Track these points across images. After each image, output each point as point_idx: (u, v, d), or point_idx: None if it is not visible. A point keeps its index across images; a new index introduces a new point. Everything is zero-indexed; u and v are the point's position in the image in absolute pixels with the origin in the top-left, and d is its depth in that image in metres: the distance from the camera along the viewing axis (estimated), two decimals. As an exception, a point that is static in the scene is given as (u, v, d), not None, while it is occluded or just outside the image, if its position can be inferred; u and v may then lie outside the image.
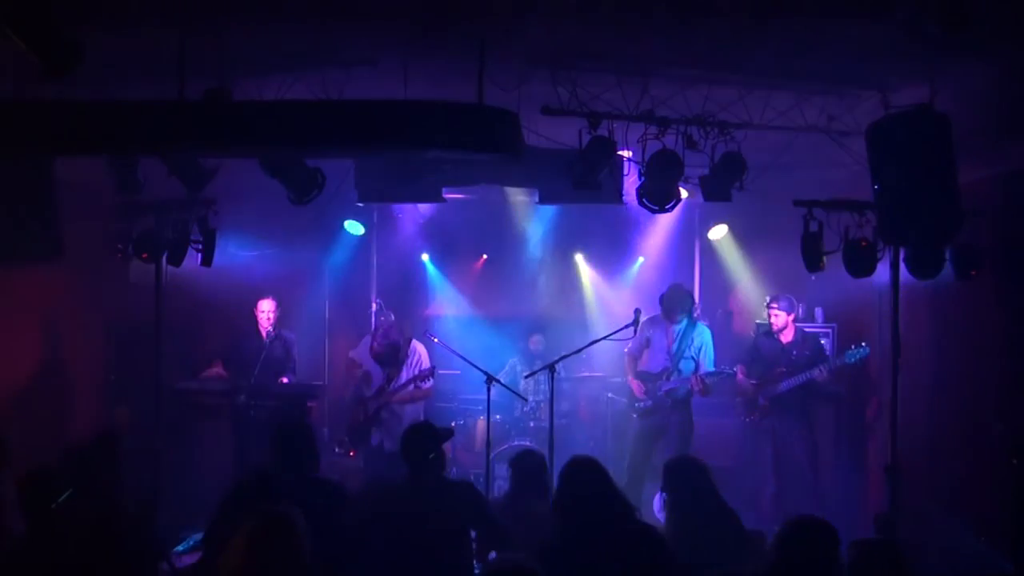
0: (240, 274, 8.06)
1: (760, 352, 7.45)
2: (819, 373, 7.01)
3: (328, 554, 3.96)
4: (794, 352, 7.25)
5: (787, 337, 7.32)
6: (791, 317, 7.30)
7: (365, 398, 7.17)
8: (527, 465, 5.10)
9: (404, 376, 7.11)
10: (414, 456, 4.47)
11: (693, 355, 7.22)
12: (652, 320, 7.41)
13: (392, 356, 7.11)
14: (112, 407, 7.97)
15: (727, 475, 4.64)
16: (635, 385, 7.36)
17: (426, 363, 7.21)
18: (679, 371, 7.20)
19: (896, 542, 3.50)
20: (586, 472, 4.01)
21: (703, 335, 7.30)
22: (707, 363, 7.22)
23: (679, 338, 7.26)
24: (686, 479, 4.53)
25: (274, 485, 4.27)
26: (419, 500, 4.36)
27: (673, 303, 7.23)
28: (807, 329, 7.66)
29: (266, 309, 7.55)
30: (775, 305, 7.30)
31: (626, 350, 7.51)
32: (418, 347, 7.30)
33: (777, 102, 5.60)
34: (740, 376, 7.41)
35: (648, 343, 7.41)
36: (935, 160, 4.63)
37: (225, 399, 7.07)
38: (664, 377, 7.24)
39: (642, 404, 7.32)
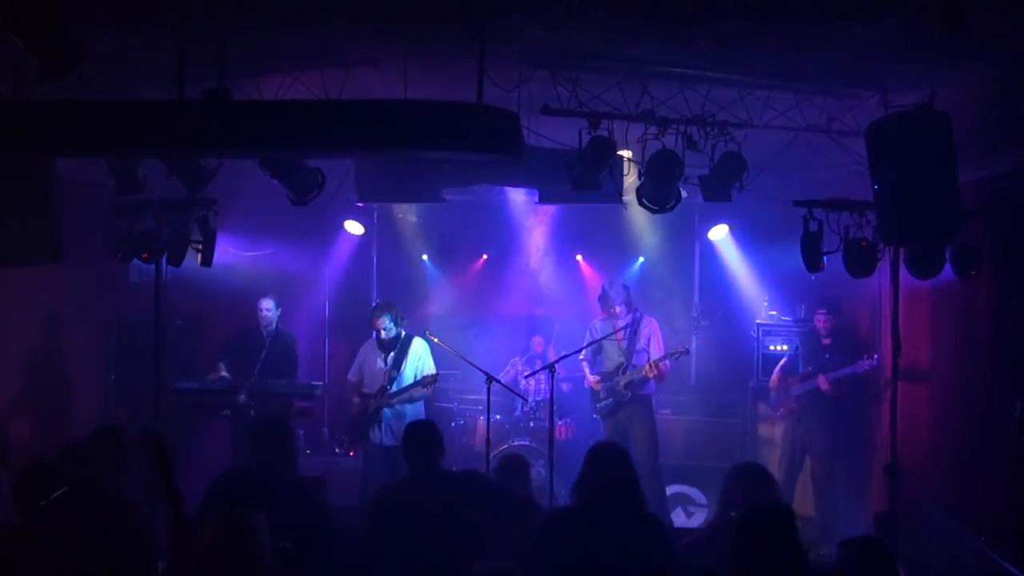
0: (240, 274, 8.06)
1: (800, 350, 7.60)
2: (822, 382, 7.15)
3: (303, 555, 3.98)
4: (827, 355, 7.32)
5: (828, 340, 7.39)
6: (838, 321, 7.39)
7: (366, 395, 7.18)
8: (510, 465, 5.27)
9: (407, 369, 7.12)
10: (414, 454, 4.48)
11: (644, 347, 7.40)
12: (601, 322, 7.55)
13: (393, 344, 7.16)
14: (112, 407, 7.97)
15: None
16: (593, 380, 7.56)
17: (428, 360, 7.21)
18: (633, 365, 7.35)
19: (886, 542, 3.44)
20: (611, 457, 4.12)
21: (649, 326, 7.50)
22: (657, 353, 7.38)
23: (627, 334, 7.41)
24: (751, 488, 4.29)
25: (251, 486, 4.27)
26: (422, 497, 4.37)
27: (606, 297, 7.45)
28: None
29: (267, 308, 7.54)
30: (822, 311, 7.37)
31: (581, 357, 7.63)
32: (419, 344, 7.29)
33: (777, 102, 5.60)
34: (777, 372, 7.67)
35: (600, 346, 7.57)
36: (935, 160, 4.62)
37: (225, 399, 7.06)
38: (620, 372, 7.38)
39: (603, 404, 7.49)
